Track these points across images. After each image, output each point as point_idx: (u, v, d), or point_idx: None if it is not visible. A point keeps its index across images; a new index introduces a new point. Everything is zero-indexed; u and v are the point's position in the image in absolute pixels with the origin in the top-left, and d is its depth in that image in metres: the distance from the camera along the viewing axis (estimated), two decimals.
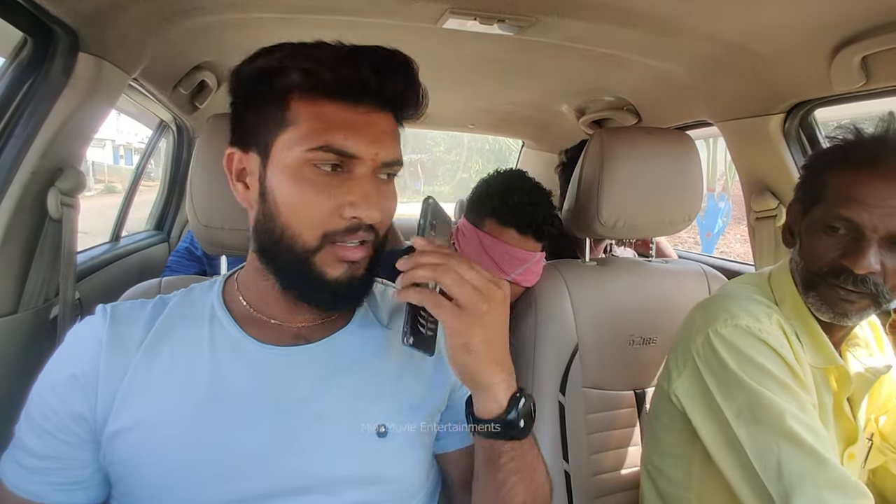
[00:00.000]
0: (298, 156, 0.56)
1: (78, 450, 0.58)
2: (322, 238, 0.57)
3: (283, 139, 0.57)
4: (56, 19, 0.83)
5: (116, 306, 0.64)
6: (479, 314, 0.54)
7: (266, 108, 0.58)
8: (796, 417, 0.71)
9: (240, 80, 0.61)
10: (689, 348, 0.82)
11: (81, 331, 0.62)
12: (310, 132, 0.56)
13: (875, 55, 0.93)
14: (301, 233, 0.57)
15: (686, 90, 1.39)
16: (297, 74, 0.56)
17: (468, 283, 0.54)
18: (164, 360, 0.60)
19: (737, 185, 1.43)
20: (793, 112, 1.22)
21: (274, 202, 0.58)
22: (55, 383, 0.59)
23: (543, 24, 1.06)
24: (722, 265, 1.59)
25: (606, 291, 1.16)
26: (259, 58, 0.59)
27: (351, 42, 0.59)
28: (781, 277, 0.87)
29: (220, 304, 0.65)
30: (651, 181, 1.12)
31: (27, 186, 0.90)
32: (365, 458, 0.61)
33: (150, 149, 1.92)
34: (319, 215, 0.57)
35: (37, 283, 0.98)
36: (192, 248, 1.64)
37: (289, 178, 0.57)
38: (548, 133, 2.44)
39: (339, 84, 0.56)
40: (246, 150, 0.61)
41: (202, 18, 1.08)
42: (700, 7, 0.95)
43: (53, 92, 0.90)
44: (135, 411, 0.57)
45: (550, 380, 1.09)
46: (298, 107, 0.57)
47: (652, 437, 0.93)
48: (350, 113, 0.57)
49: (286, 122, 0.57)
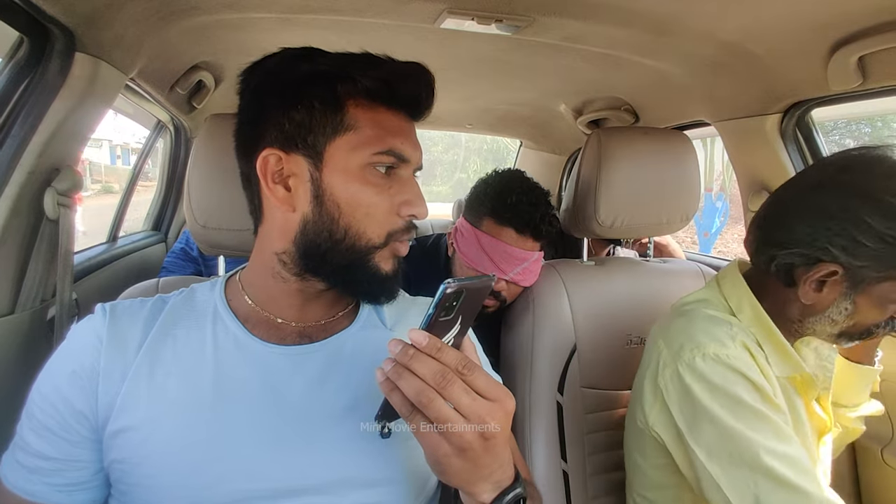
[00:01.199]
0: (363, 159, 0.59)
1: (79, 449, 0.58)
2: (387, 237, 0.61)
3: (343, 142, 0.59)
4: (52, 19, 0.82)
5: (116, 305, 0.64)
6: (465, 454, 0.48)
7: (320, 111, 0.59)
8: (772, 451, 0.70)
9: (283, 81, 0.60)
10: (657, 382, 0.81)
11: (81, 329, 0.62)
12: (374, 138, 0.59)
13: (871, 55, 0.93)
14: (365, 231, 0.60)
15: (683, 90, 1.39)
16: (367, 83, 0.59)
17: (460, 419, 0.46)
18: (166, 360, 0.60)
19: (734, 184, 1.43)
20: (790, 112, 1.22)
21: (335, 204, 0.59)
22: (56, 381, 0.59)
23: (541, 24, 1.06)
24: (719, 265, 1.60)
25: (604, 291, 1.16)
26: (301, 60, 0.60)
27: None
28: (735, 284, 0.86)
29: (223, 303, 0.66)
30: (648, 181, 1.13)
31: (24, 186, 0.90)
32: (368, 460, 0.61)
33: (147, 149, 1.91)
34: (383, 214, 0.61)
35: (34, 283, 0.98)
36: (188, 249, 1.64)
37: (353, 180, 0.59)
38: (546, 133, 2.44)
39: (400, 98, 0.61)
40: (288, 152, 0.60)
41: (199, 18, 1.08)
42: (697, 7, 0.95)
43: (50, 92, 0.89)
44: (137, 411, 0.57)
45: (548, 379, 1.09)
46: (357, 113, 0.60)
47: (637, 472, 0.91)
48: (399, 121, 0.62)
49: (344, 126, 0.59)
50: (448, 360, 0.47)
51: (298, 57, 0.61)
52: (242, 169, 0.66)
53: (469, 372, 0.47)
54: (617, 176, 1.10)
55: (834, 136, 14.37)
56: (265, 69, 0.62)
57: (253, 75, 0.63)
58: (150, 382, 0.59)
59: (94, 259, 1.45)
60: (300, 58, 0.61)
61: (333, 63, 0.60)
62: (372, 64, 0.60)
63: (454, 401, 0.46)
